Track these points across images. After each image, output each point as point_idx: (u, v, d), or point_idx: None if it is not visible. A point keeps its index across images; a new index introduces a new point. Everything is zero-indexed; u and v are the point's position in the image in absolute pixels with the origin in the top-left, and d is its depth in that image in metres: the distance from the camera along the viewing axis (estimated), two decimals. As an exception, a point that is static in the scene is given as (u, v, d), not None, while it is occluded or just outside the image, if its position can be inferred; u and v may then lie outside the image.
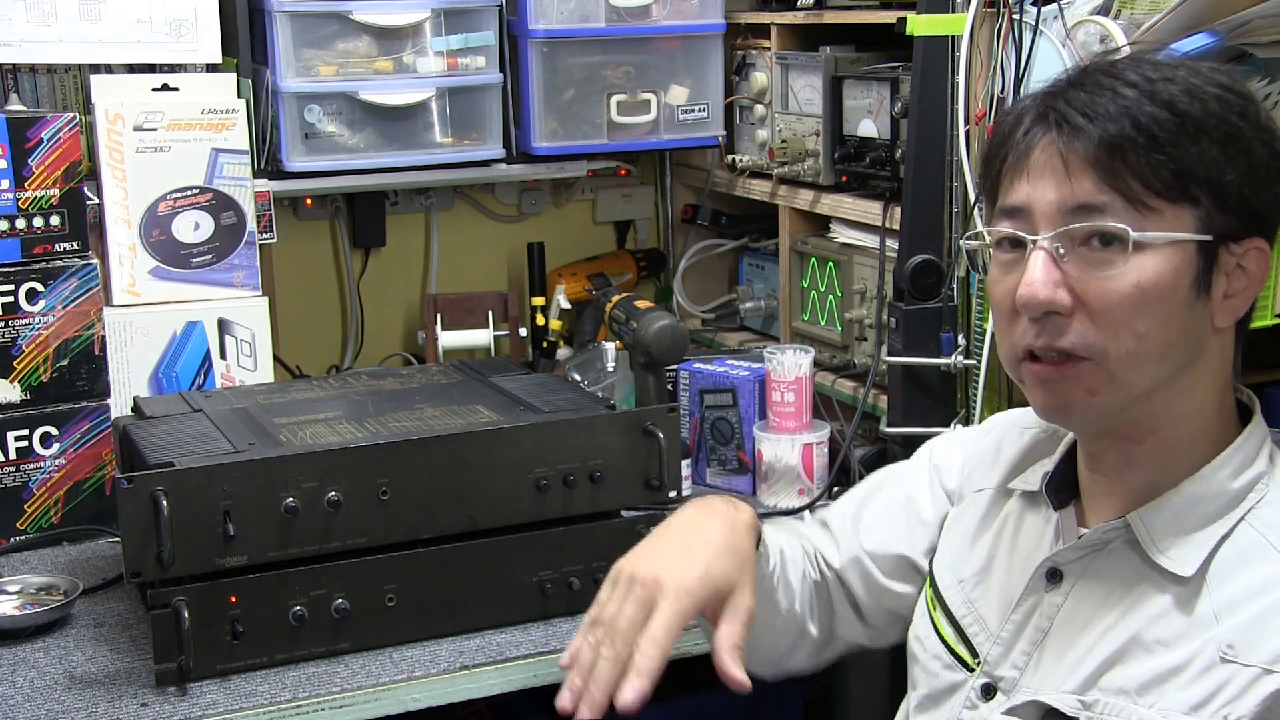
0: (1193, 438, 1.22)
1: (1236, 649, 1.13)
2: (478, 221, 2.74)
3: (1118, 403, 1.20)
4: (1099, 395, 1.19)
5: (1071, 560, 1.26)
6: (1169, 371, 1.19)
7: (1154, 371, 1.18)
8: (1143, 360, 1.17)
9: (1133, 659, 1.19)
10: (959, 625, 1.37)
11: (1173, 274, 1.16)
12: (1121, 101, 1.16)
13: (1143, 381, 1.18)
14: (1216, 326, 1.20)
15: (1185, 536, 1.20)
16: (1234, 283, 1.19)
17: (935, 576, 1.42)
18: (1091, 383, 1.19)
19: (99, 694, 1.55)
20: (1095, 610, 1.23)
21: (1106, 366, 1.18)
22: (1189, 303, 1.17)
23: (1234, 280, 1.19)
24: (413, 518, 1.65)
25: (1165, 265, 1.15)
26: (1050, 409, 1.24)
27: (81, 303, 1.99)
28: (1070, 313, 1.17)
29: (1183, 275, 1.16)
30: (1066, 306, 1.17)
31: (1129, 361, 1.17)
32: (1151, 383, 1.19)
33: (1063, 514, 1.30)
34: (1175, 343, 1.18)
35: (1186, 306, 1.17)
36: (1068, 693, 1.22)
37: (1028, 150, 1.19)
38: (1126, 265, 1.15)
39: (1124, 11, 1.80)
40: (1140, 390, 1.19)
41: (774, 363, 2.11)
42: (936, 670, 1.39)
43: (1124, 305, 1.16)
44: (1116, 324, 1.17)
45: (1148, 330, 1.16)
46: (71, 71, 2.25)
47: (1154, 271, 1.15)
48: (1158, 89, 1.16)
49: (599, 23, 2.41)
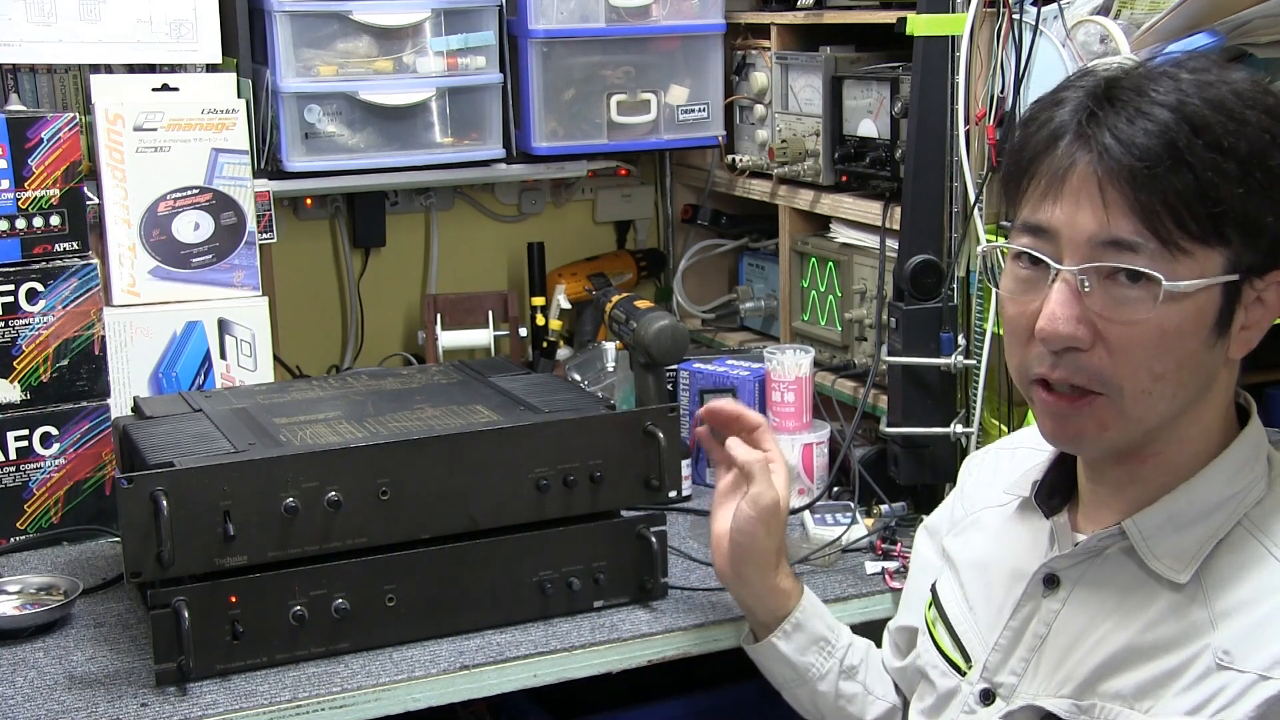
0: (1195, 451, 1.22)
1: (1233, 655, 1.13)
2: (478, 221, 2.74)
3: (1131, 436, 1.19)
4: (1109, 430, 1.18)
5: (1068, 566, 1.26)
6: (1180, 406, 1.18)
7: (1165, 409, 1.17)
8: (1156, 399, 1.16)
9: (1130, 665, 1.19)
10: (954, 632, 1.37)
11: (1196, 317, 1.14)
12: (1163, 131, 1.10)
13: (1153, 418, 1.18)
14: (1229, 358, 1.18)
15: (1181, 543, 1.19)
16: (1251, 315, 1.17)
17: (938, 593, 1.43)
18: (1104, 417, 1.18)
19: (99, 694, 1.55)
20: (1092, 616, 1.23)
21: (1120, 404, 1.17)
22: (1209, 344, 1.15)
23: (1252, 313, 1.17)
24: (413, 518, 1.64)
25: (1191, 309, 1.13)
26: (1059, 439, 1.23)
27: (81, 303, 1.99)
28: (1089, 347, 1.15)
29: (1206, 317, 1.14)
30: (1086, 342, 1.15)
31: (1143, 400, 1.16)
32: (1162, 418, 1.18)
33: (1057, 520, 1.30)
34: (1188, 381, 1.16)
35: (1205, 347, 1.15)
36: (1065, 698, 1.22)
37: (1064, 172, 1.14)
38: (1154, 310, 1.12)
39: (1124, 11, 1.80)
40: (1151, 425, 1.18)
41: (774, 363, 2.11)
42: (935, 679, 1.39)
43: (1145, 347, 1.14)
44: (1135, 364, 1.15)
45: (1164, 370, 1.15)
46: (71, 71, 2.25)
47: (1179, 316, 1.13)
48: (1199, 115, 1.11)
49: (599, 23, 2.41)
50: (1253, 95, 1.14)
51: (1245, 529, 1.19)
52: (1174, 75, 1.15)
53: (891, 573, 1.83)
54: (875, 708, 1.57)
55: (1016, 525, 1.35)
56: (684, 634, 1.71)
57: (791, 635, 1.59)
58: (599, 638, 1.68)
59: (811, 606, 1.60)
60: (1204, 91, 1.12)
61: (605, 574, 1.74)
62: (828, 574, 1.85)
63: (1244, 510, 1.19)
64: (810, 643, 1.59)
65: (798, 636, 1.59)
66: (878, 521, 1.97)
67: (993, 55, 1.87)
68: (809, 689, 1.59)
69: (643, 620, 1.72)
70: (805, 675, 1.59)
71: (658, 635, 1.70)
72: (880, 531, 1.92)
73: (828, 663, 1.58)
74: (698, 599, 1.77)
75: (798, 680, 1.59)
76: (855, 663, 1.59)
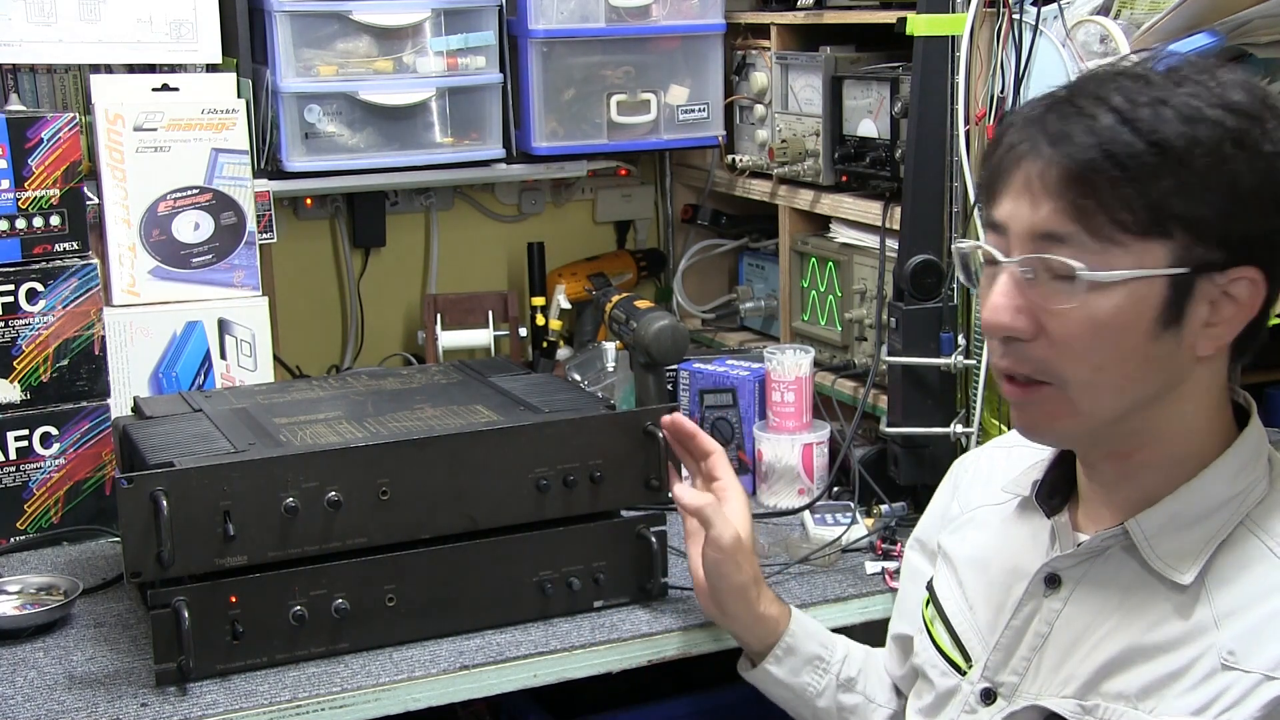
0: (1188, 450, 1.21)
1: (1237, 655, 1.13)
2: (478, 221, 2.74)
3: (1084, 427, 1.20)
4: (1062, 420, 1.20)
5: (1070, 566, 1.26)
6: (1134, 400, 1.18)
7: (1114, 402, 1.18)
8: (1101, 391, 1.17)
9: (1133, 665, 1.19)
10: (954, 631, 1.37)
11: (1132, 309, 1.14)
12: (1098, 129, 1.12)
13: (1105, 410, 1.18)
14: (1199, 355, 1.17)
15: (1183, 543, 1.19)
16: (1220, 312, 1.16)
17: (935, 592, 1.43)
18: (1054, 408, 1.20)
19: (99, 694, 1.55)
20: (1095, 616, 1.23)
21: (1067, 394, 1.18)
22: (1153, 336, 1.15)
23: (1221, 309, 1.15)
24: (413, 518, 1.64)
25: (1124, 301, 1.14)
26: (1022, 429, 1.25)
27: (81, 303, 1.99)
28: (1032, 338, 1.17)
29: (1145, 310, 1.14)
30: (1027, 332, 1.17)
31: (1088, 391, 1.17)
32: (1114, 411, 1.19)
33: (1058, 519, 1.30)
34: (1137, 375, 1.16)
35: (1149, 340, 1.15)
36: (1068, 698, 1.22)
37: (1009, 168, 1.18)
38: (1080, 299, 1.14)
39: (1124, 11, 1.80)
40: (1105, 417, 1.19)
41: (774, 363, 2.11)
42: (934, 678, 1.39)
43: (1080, 338, 1.16)
44: (1074, 354, 1.16)
45: (1104, 362, 1.16)
46: (71, 71, 2.25)
47: (1111, 307, 1.14)
48: (1140, 116, 1.11)
49: (599, 23, 2.41)
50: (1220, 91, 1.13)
51: (1248, 529, 1.18)
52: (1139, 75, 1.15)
53: (891, 573, 1.83)
54: (877, 715, 1.58)
55: (1016, 524, 1.35)
56: (684, 634, 1.71)
57: (783, 660, 1.60)
58: (599, 638, 1.68)
59: (801, 629, 1.61)
60: (1159, 90, 1.13)
61: (605, 574, 1.74)
62: (828, 574, 1.85)
63: (1246, 510, 1.19)
64: (804, 664, 1.60)
65: (789, 660, 1.60)
66: (878, 521, 1.97)
67: (993, 55, 1.87)
68: (810, 708, 1.60)
69: (643, 620, 1.72)
70: (803, 695, 1.60)
71: (658, 635, 1.70)
72: (880, 531, 1.92)
73: (823, 680, 1.59)
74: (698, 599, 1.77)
75: (797, 701, 1.61)
76: (853, 674, 1.59)
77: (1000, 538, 1.37)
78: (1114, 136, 1.11)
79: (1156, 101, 1.12)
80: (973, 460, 1.51)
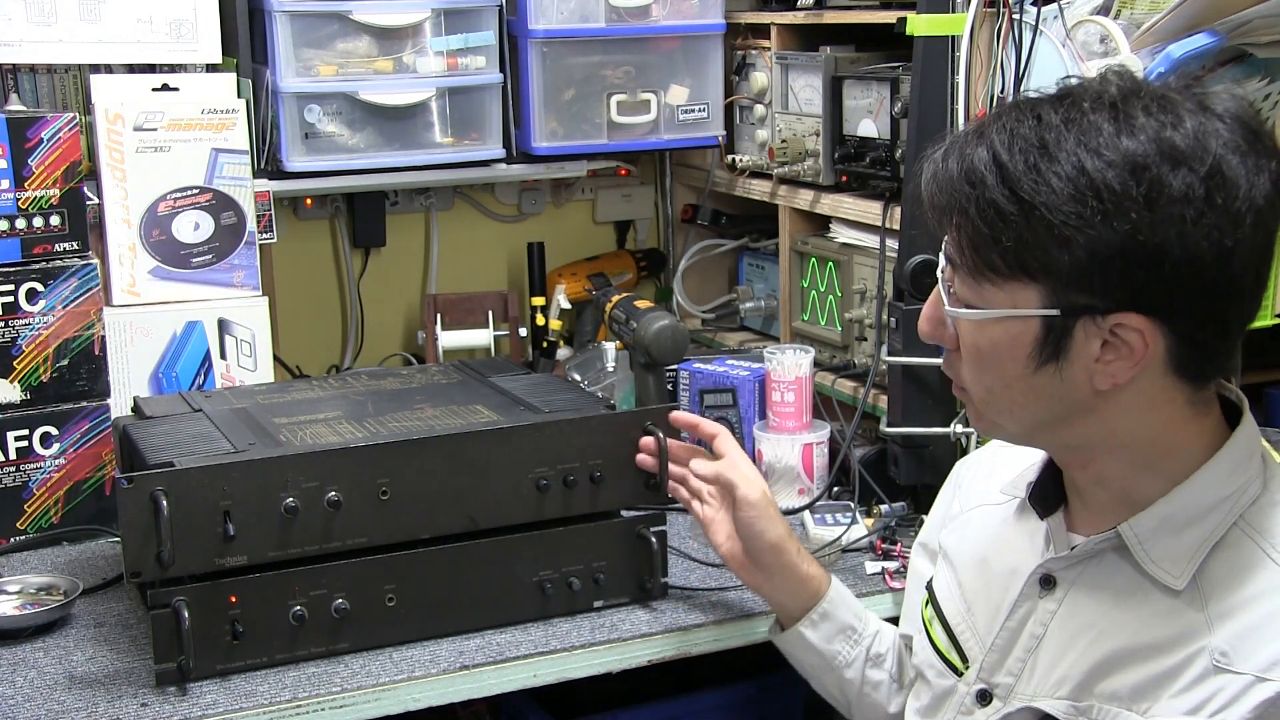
0: (1155, 457, 1.21)
1: (1230, 657, 1.13)
2: (478, 221, 2.74)
3: (1005, 435, 1.27)
4: (980, 422, 1.27)
5: (1064, 568, 1.26)
6: (1034, 422, 1.22)
7: (1012, 421, 1.23)
8: (998, 411, 1.23)
9: (1126, 666, 1.19)
10: (952, 632, 1.37)
11: (1007, 343, 1.18)
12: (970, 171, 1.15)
13: (1010, 426, 1.25)
14: (1097, 389, 1.17)
15: (1177, 546, 1.19)
16: (1114, 350, 1.15)
17: (934, 592, 1.43)
18: (974, 413, 1.27)
19: (99, 694, 1.55)
20: (1089, 617, 1.23)
21: (975, 405, 1.25)
22: (1032, 370, 1.18)
23: (1115, 348, 1.15)
24: (413, 518, 1.64)
25: (999, 335, 1.18)
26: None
27: (81, 303, 1.99)
28: (955, 347, 1.24)
29: (1020, 345, 1.17)
30: (944, 341, 1.25)
31: (988, 408, 1.24)
32: (1020, 428, 1.24)
33: (1053, 520, 1.30)
34: (1025, 402, 1.20)
35: (1029, 372, 1.18)
36: (1062, 699, 1.23)
37: None
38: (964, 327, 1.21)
39: (1124, 11, 1.80)
40: (1014, 432, 1.25)
41: (774, 363, 2.11)
42: (931, 678, 1.39)
43: (970, 360, 1.22)
44: (971, 372, 1.23)
45: (992, 385, 1.22)
46: (71, 71, 2.25)
47: (987, 339, 1.19)
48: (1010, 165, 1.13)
49: (599, 23, 2.41)
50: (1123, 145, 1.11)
51: (1241, 530, 1.19)
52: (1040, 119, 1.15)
53: (891, 573, 1.83)
54: (900, 697, 1.57)
55: (1014, 525, 1.36)
56: (684, 634, 1.71)
57: (819, 624, 1.60)
58: (599, 638, 1.68)
59: (840, 596, 1.61)
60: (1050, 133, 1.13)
61: (605, 574, 1.74)
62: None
63: (1239, 511, 1.19)
64: (837, 631, 1.60)
65: (824, 625, 1.60)
66: (878, 521, 1.97)
67: (993, 55, 1.87)
68: (835, 676, 1.60)
69: (643, 620, 1.72)
70: (832, 662, 1.59)
71: (658, 635, 1.70)
72: (880, 531, 1.92)
73: (854, 650, 1.59)
74: (698, 599, 1.77)
75: (824, 667, 1.60)
76: (882, 650, 1.59)
77: (998, 538, 1.37)
78: (980, 180, 1.15)
79: (1037, 148, 1.13)
80: (975, 460, 1.52)
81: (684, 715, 1.95)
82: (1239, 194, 1.10)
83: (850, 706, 1.61)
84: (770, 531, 1.59)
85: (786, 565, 1.60)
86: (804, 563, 1.61)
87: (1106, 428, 1.19)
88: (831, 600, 1.60)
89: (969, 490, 1.47)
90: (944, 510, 1.51)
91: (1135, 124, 1.12)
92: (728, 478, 1.62)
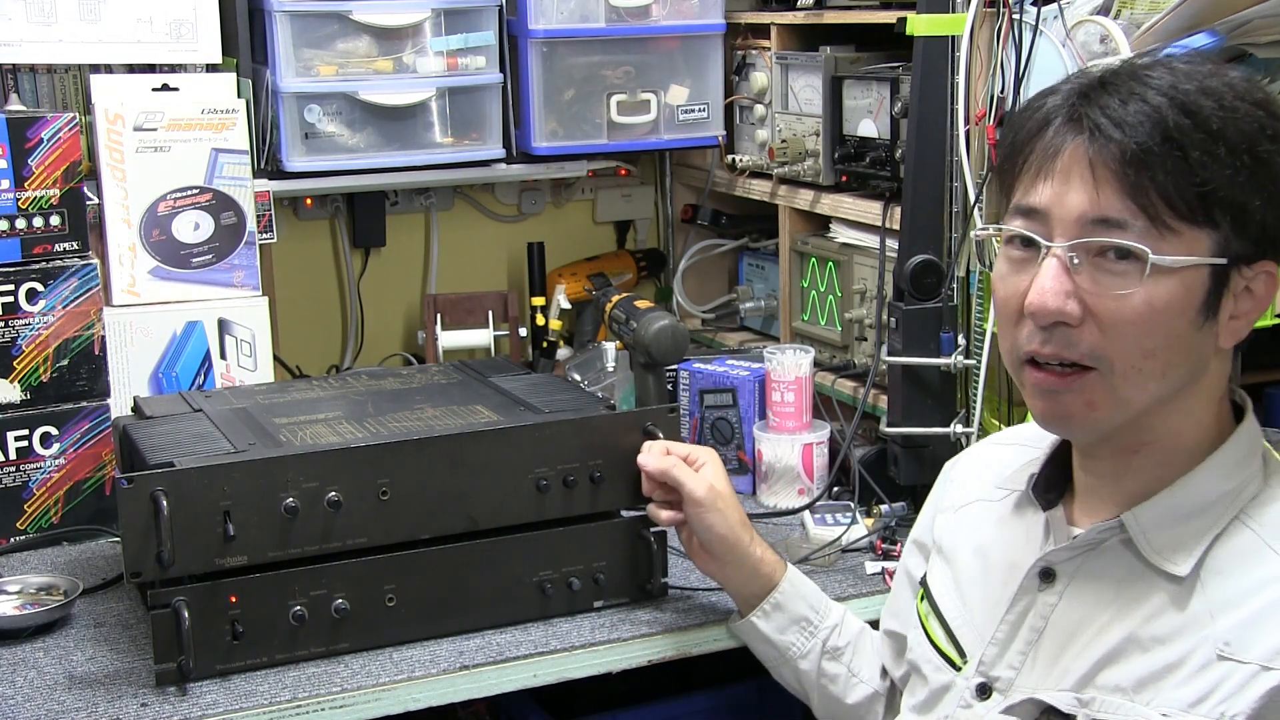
0: (1188, 446, 1.22)
1: (1233, 646, 1.14)
2: (478, 221, 2.74)
3: (1117, 418, 1.20)
4: (1098, 410, 1.19)
5: (1065, 560, 1.26)
6: (1170, 389, 1.19)
7: (1155, 389, 1.18)
8: (1146, 377, 1.17)
9: (1129, 657, 1.19)
10: (949, 627, 1.37)
11: (1184, 296, 1.15)
12: (1154, 112, 1.13)
13: (1143, 398, 1.18)
14: (1220, 347, 1.19)
15: (1179, 535, 1.20)
16: (1240, 305, 1.18)
17: (929, 587, 1.43)
18: (1093, 395, 1.19)
19: (99, 694, 1.55)
20: (1090, 609, 1.23)
21: (1110, 381, 1.17)
22: (1197, 325, 1.16)
23: (1241, 302, 1.18)
24: (413, 518, 1.64)
25: (1178, 287, 1.14)
26: (1050, 419, 1.24)
27: (81, 303, 1.99)
28: (1079, 323, 1.17)
29: (1194, 297, 1.15)
30: (1076, 317, 1.16)
31: (1133, 378, 1.17)
32: (1152, 399, 1.19)
33: (1052, 514, 1.30)
34: (1178, 362, 1.17)
35: (1194, 328, 1.16)
36: (1065, 691, 1.22)
37: (1055, 152, 1.17)
38: (1141, 284, 1.14)
39: (1124, 11, 1.80)
40: (1140, 407, 1.19)
41: (774, 363, 2.11)
42: (928, 674, 1.39)
43: (1135, 322, 1.15)
44: (1125, 339, 1.16)
45: (1154, 347, 1.16)
46: (71, 71, 2.25)
47: (1167, 293, 1.14)
48: (1192, 100, 1.13)
49: (599, 23, 2.41)
50: (1244, 89, 1.16)
51: (1242, 522, 1.19)
52: (1169, 65, 1.17)
53: (891, 573, 1.83)
54: (858, 690, 1.59)
55: (1012, 520, 1.36)
56: (684, 634, 1.71)
57: (771, 615, 1.63)
58: (599, 638, 1.68)
59: (793, 588, 1.64)
60: (1196, 80, 1.15)
61: (605, 574, 1.74)
62: (828, 574, 1.85)
63: (1241, 505, 1.20)
64: (790, 622, 1.62)
65: (777, 616, 1.62)
66: (878, 521, 1.97)
67: (993, 55, 1.87)
68: (791, 667, 1.62)
69: (643, 620, 1.72)
70: (786, 654, 1.62)
71: (658, 635, 1.70)
72: (880, 531, 1.92)
73: (809, 642, 1.61)
74: (698, 599, 1.77)
75: (779, 658, 1.63)
76: (841, 644, 1.61)
77: (996, 534, 1.37)
78: (1171, 119, 1.12)
79: (1201, 91, 1.14)
80: (966, 457, 1.52)
81: (684, 715, 1.95)
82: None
83: (809, 697, 1.63)
84: (719, 525, 1.63)
85: (740, 555, 1.64)
86: (758, 550, 1.64)
87: (1190, 401, 1.20)
88: (784, 591, 1.63)
89: (961, 487, 1.47)
90: (934, 507, 1.51)
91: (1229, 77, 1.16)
92: (673, 476, 1.65)
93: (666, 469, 1.66)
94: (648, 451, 1.70)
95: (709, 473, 1.66)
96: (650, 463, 1.68)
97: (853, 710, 1.59)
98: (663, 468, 1.66)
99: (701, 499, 1.63)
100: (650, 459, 1.69)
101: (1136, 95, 1.14)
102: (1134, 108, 1.13)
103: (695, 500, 1.63)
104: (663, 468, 1.66)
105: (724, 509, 1.63)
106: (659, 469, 1.67)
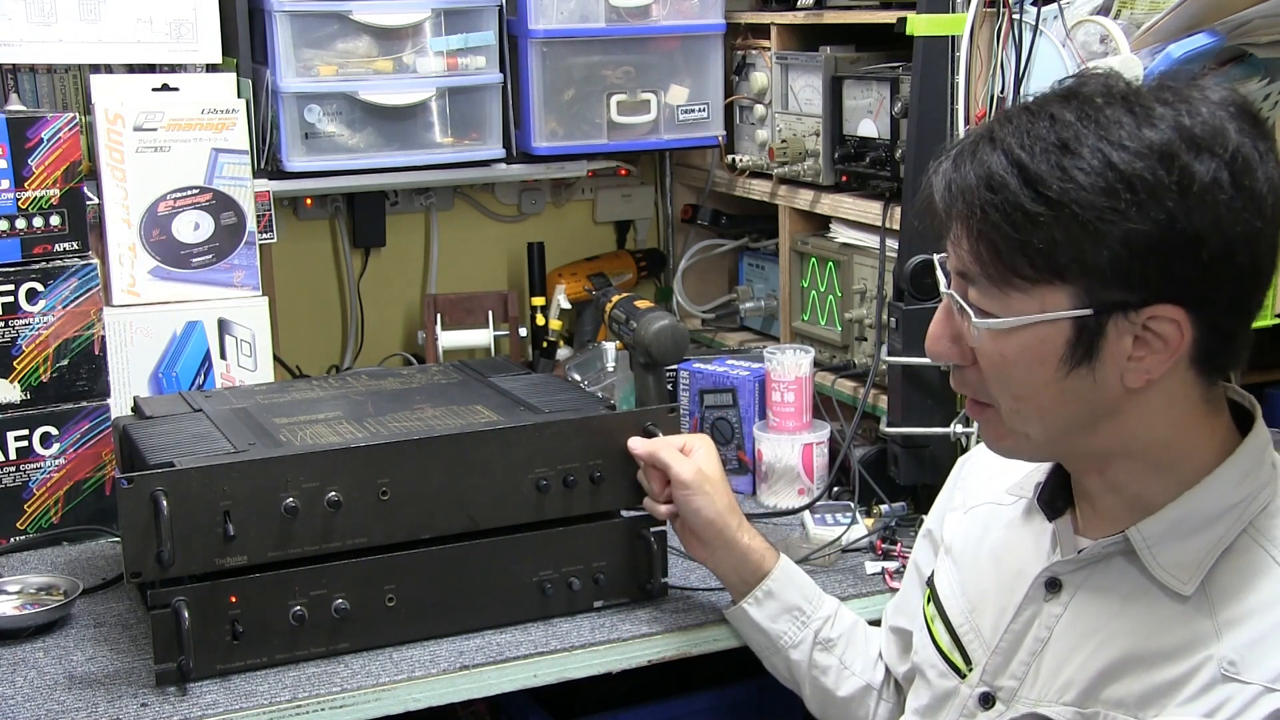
0: (1171, 460, 1.20)
1: (1239, 666, 1.12)
2: (478, 221, 2.74)
3: (1029, 447, 1.24)
4: (1005, 440, 1.25)
5: (1070, 571, 1.26)
6: (1063, 427, 1.20)
7: (1041, 428, 1.21)
8: (1027, 418, 1.21)
9: (1133, 672, 1.18)
10: (955, 633, 1.37)
11: (1036, 349, 1.16)
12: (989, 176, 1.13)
13: (1038, 434, 1.22)
14: (1129, 387, 1.16)
15: (1185, 552, 1.18)
16: (1147, 346, 1.14)
17: (936, 589, 1.43)
18: (996, 429, 1.24)
19: (99, 694, 1.55)
20: (1095, 622, 1.22)
21: (1001, 416, 1.23)
22: (1063, 374, 1.16)
23: (1147, 343, 1.14)
24: (413, 518, 1.64)
25: (1028, 341, 1.16)
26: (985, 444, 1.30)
27: (81, 303, 1.99)
28: (969, 363, 1.22)
29: (1051, 349, 1.16)
30: (958, 358, 1.23)
31: (1016, 417, 1.21)
32: (1048, 436, 1.21)
33: (1059, 523, 1.30)
34: (1055, 406, 1.18)
35: (1060, 376, 1.17)
36: (1067, 704, 1.22)
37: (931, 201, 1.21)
38: (978, 341, 1.19)
39: (1124, 11, 1.80)
40: (1042, 440, 1.22)
41: (774, 363, 2.11)
42: (932, 679, 1.39)
43: (996, 370, 1.20)
44: (996, 383, 1.21)
45: (1022, 393, 1.20)
46: (71, 71, 2.25)
47: (1015, 347, 1.17)
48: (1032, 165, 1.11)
49: (599, 23, 2.41)
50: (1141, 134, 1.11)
51: (1250, 537, 1.17)
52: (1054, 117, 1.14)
53: (891, 573, 1.83)
54: (849, 683, 1.59)
55: (1022, 527, 1.35)
56: (684, 634, 1.71)
57: (763, 602, 1.63)
58: (599, 638, 1.68)
59: (786, 576, 1.64)
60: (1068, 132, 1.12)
61: (605, 574, 1.74)
62: (828, 574, 1.85)
63: (1249, 518, 1.18)
64: (782, 610, 1.62)
65: (769, 604, 1.63)
66: (878, 521, 1.97)
67: (993, 55, 1.87)
68: (782, 656, 1.63)
69: (643, 620, 1.72)
70: (777, 643, 1.63)
71: (658, 635, 1.70)
72: (880, 531, 1.92)
73: (801, 632, 1.62)
74: (698, 599, 1.77)
75: (770, 647, 1.64)
76: (834, 635, 1.61)
77: (1005, 540, 1.36)
78: (1002, 184, 1.13)
79: (1058, 147, 1.12)
80: (978, 456, 1.51)
81: (684, 715, 1.95)
82: (1259, 176, 1.12)
83: (800, 688, 1.63)
84: (706, 508, 1.64)
85: (727, 541, 1.64)
86: (746, 537, 1.65)
87: (1128, 430, 1.19)
88: (777, 579, 1.63)
89: (972, 487, 1.46)
90: (945, 503, 1.51)
91: (1154, 114, 1.12)
92: (660, 459, 1.67)
93: (654, 450, 1.68)
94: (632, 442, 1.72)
95: (699, 457, 1.67)
96: (639, 445, 1.70)
97: (844, 703, 1.59)
98: (651, 449, 1.68)
99: (688, 481, 1.64)
100: (639, 441, 1.71)
101: (978, 157, 1.15)
102: (972, 169, 1.15)
103: (682, 482, 1.65)
104: (651, 449, 1.68)
105: (711, 492, 1.64)
106: (647, 451, 1.69)
